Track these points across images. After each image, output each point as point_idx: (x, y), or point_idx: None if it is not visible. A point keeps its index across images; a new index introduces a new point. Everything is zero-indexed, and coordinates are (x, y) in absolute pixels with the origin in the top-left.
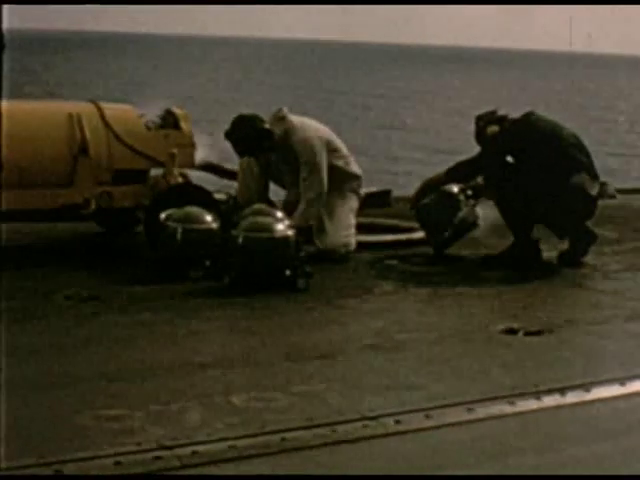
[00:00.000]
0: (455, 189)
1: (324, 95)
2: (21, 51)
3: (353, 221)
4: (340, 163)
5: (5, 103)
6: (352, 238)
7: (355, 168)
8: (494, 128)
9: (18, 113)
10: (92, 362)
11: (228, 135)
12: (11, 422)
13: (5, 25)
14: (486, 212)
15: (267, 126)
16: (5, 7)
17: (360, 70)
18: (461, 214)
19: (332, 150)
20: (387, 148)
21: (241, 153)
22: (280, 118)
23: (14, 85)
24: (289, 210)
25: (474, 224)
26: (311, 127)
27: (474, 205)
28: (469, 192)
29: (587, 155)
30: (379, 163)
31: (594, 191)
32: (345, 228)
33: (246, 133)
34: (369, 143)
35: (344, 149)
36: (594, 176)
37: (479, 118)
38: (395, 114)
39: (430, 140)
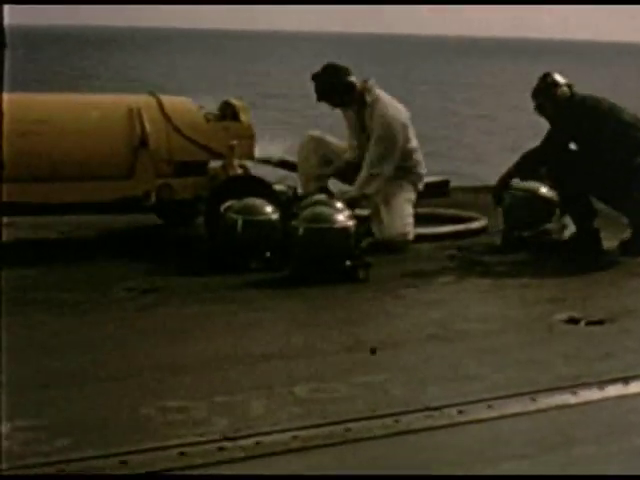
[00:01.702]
0: (550, 194)
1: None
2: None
3: (410, 211)
4: (406, 152)
5: (66, 95)
6: (410, 227)
7: (420, 160)
8: (564, 89)
9: (78, 106)
10: (154, 354)
11: (315, 77)
12: (74, 414)
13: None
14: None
15: (354, 81)
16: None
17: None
18: (549, 226)
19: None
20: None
21: (321, 98)
22: (367, 88)
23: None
24: (342, 170)
25: (555, 240)
26: (396, 108)
27: (563, 226)
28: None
29: None
30: None
31: None
32: (402, 218)
33: (333, 80)
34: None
35: (415, 141)
36: None
37: (537, 92)
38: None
39: None
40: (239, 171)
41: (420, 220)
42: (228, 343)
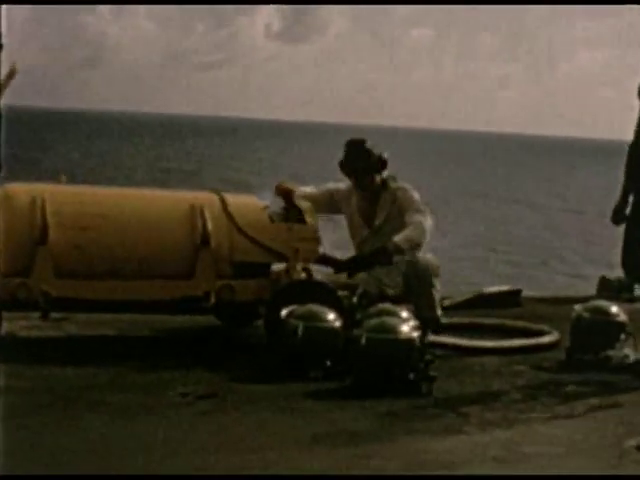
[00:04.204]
0: (619, 318)
1: None
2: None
3: None
4: None
5: (128, 190)
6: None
7: None
8: None
9: (140, 201)
10: (205, 464)
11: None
12: None
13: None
14: None
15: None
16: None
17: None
18: (610, 352)
19: None
20: None
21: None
22: (392, 177)
23: None
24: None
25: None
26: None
27: (625, 355)
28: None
29: None
30: None
31: None
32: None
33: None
34: None
35: None
36: None
37: None
38: None
39: None
40: (302, 275)
41: (488, 332)
42: (282, 456)
